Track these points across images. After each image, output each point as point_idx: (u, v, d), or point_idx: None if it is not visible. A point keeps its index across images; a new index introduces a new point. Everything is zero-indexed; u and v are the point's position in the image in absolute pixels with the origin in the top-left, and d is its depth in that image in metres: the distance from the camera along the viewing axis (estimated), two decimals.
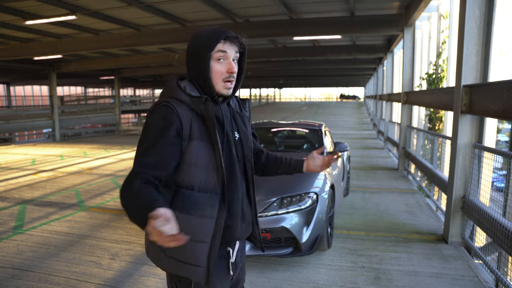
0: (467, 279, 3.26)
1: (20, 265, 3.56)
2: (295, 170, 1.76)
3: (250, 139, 1.56)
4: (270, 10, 9.40)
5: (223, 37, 1.39)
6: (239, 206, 1.49)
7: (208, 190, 1.40)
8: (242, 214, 1.52)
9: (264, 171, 1.82)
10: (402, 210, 5.40)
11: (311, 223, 3.48)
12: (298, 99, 66.32)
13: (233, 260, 1.52)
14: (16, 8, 8.77)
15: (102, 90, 38.14)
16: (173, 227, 1.08)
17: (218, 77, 1.41)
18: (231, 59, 1.41)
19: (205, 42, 1.39)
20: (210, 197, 1.40)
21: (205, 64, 1.39)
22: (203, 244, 1.39)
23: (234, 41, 1.41)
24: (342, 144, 5.18)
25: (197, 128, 1.38)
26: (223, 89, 1.43)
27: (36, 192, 6.60)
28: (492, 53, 3.81)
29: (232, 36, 1.40)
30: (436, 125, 8.85)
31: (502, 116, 3.20)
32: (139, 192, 1.25)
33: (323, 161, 1.72)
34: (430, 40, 9.33)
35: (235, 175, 1.47)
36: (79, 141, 16.92)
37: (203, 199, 1.40)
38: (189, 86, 1.44)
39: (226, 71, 1.41)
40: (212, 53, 1.39)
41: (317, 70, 26.17)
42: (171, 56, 16.08)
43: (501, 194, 3.46)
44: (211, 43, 1.39)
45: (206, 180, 1.40)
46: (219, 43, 1.39)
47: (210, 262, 1.39)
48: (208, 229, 1.39)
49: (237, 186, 1.47)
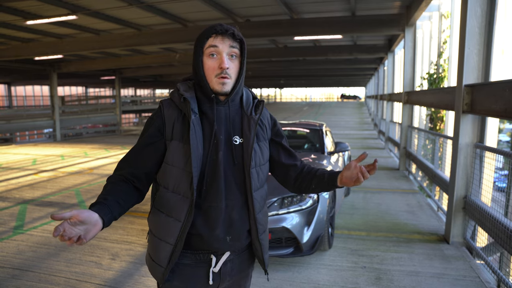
0: (468, 280, 3.25)
1: (20, 265, 3.56)
2: (328, 185, 1.46)
3: (251, 145, 1.39)
4: (271, 10, 9.39)
5: (213, 32, 1.34)
6: (220, 216, 1.37)
7: (180, 192, 1.36)
8: (228, 226, 1.39)
9: (297, 188, 1.56)
10: (403, 210, 5.39)
11: (312, 223, 3.47)
12: (299, 99, 66.32)
13: (215, 269, 1.41)
14: (17, 8, 8.77)
15: (103, 90, 38.18)
16: (72, 232, 1.08)
17: (210, 73, 1.35)
18: (223, 54, 1.34)
19: (198, 39, 1.37)
20: (181, 199, 1.35)
21: (197, 61, 1.37)
22: (167, 244, 1.37)
23: (225, 34, 1.33)
24: (343, 144, 5.18)
25: (178, 128, 1.36)
26: (217, 85, 1.35)
27: (37, 192, 6.59)
28: (493, 53, 3.80)
29: (223, 29, 1.33)
30: (437, 125, 8.82)
31: (503, 115, 3.19)
32: (106, 185, 1.35)
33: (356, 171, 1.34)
34: (431, 39, 9.31)
35: (218, 182, 1.36)
36: (80, 141, 16.93)
37: (173, 200, 1.36)
38: (183, 86, 1.42)
39: (218, 67, 1.34)
40: (204, 48, 1.35)
41: (318, 70, 26.15)
42: (172, 56, 16.08)
43: (502, 194, 3.45)
44: (202, 38, 1.36)
45: (180, 182, 1.35)
46: (210, 37, 1.34)
47: (169, 265, 1.37)
48: (173, 231, 1.35)
49: (219, 194, 1.36)
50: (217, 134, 1.37)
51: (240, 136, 1.41)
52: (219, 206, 1.37)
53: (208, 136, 1.36)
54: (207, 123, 1.38)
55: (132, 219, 5.00)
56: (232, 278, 1.49)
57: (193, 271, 1.41)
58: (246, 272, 1.56)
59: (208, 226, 1.37)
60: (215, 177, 1.36)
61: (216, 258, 1.42)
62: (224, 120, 1.40)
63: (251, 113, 1.44)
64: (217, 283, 1.44)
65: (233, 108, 1.43)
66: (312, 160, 4.43)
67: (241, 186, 1.41)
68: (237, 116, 1.43)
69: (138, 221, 4.91)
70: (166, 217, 1.38)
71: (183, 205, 1.34)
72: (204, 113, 1.39)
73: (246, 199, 1.42)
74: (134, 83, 33.60)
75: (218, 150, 1.37)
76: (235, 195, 1.40)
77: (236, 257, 1.47)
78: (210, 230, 1.37)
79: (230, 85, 1.37)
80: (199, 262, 1.41)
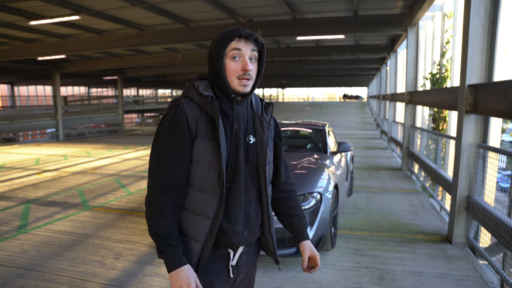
0: (471, 280, 3.24)
1: (25, 264, 3.57)
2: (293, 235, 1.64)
3: (266, 144, 1.48)
4: (274, 10, 9.40)
5: (237, 35, 1.38)
6: (240, 212, 1.44)
7: (207, 190, 1.39)
8: (246, 221, 1.47)
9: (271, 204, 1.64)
10: (406, 210, 5.38)
11: (315, 223, 3.47)
12: (301, 99, 66.22)
13: (233, 263, 1.48)
14: (20, 9, 8.81)
15: (106, 90, 38.27)
16: None
17: (232, 74, 1.40)
18: (246, 57, 1.39)
19: (220, 41, 1.39)
20: (208, 197, 1.39)
21: (218, 62, 1.39)
22: (196, 243, 1.39)
23: (249, 38, 1.39)
24: (346, 144, 5.18)
25: (203, 127, 1.39)
26: (239, 86, 1.41)
27: (40, 191, 6.62)
28: (497, 53, 3.79)
29: (246, 33, 1.38)
30: (440, 125, 8.80)
31: (507, 115, 3.19)
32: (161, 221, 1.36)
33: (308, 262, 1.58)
34: (434, 39, 9.28)
35: (239, 179, 1.43)
36: (82, 141, 16.98)
37: (201, 198, 1.40)
38: (202, 86, 1.44)
39: (240, 69, 1.39)
40: (226, 50, 1.39)
41: (320, 70, 26.14)
42: (174, 56, 16.11)
43: (505, 194, 3.44)
44: (225, 40, 1.38)
45: (206, 179, 1.39)
46: (233, 40, 1.38)
47: (201, 263, 1.39)
48: (203, 228, 1.39)
49: (239, 190, 1.43)
50: (237, 133, 1.44)
51: (253, 135, 1.49)
52: (239, 202, 1.44)
53: (229, 135, 1.41)
54: (228, 122, 1.43)
55: (135, 219, 5.02)
56: (246, 270, 1.56)
57: (214, 266, 1.46)
58: (255, 264, 1.64)
59: (230, 222, 1.43)
60: (236, 174, 1.42)
61: (233, 251, 1.48)
62: (242, 120, 1.46)
63: (262, 114, 1.52)
64: (236, 275, 1.51)
65: (241, 107, 1.48)
66: (315, 160, 4.43)
67: (255, 182, 1.49)
68: (250, 116, 1.50)
69: (141, 221, 4.92)
70: (193, 216, 1.41)
71: (211, 202, 1.39)
72: (224, 112, 1.43)
73: (259, 195, 1.51)
74: (137, 83, 33.66)
75: (238, 148, 1.43)
76: (251, 191, 1.47)
77: (248, 249, 1.54)
78: (232, 226, 1.43)
79: (250, 86, 1.44)
80: (218, 257, 1.46)
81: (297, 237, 1.62)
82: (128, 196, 6.26)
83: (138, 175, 8.23)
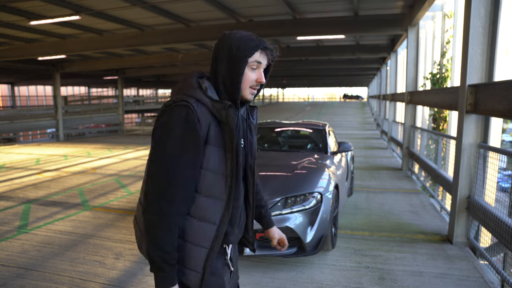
0: (472, 280, 3.24)
1: (25, 264, 3.58)
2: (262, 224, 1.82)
3: (254, 148, 1.56)
4: (274, 10, 9.40)
5: (262, 47, 1.39)
6: (238, 213, 1.49)
7: (214, 195, 1.38)
8: (241, 221, 1.54)
9: None
10: (406, 210, 5.38)
11: (316, 223, 3.47)
12: (301, 99, 66.29)
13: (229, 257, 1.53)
14: (20, 9, 8.81)
15: (106, 90, 38.26)
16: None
17: (247, 83, 1.41)
18: (261, 70, 1.44)
19: (245, 48, 1.37)
20: (214, 202, 1.38)
21: (240, 69, 1.37)
22: (202, 249, 1.37)
23: (268, 53, 1.43)
24: (346, 144, 5.17)
25: (213, 133, 1.35)
26: (249, 95, 1.44)
27: (41, 191, 6.62)
28: (497, 53, 3.79)
29: (269, 48, 1.42)
30: (440, 125, 8.80)
31: (507, 115, 3.18)
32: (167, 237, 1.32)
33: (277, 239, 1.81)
34: (434, 39, 9.29)
35: (239, 183, 1.46)
36: (82, 141, 16.99)
37: (207, 204, 1.38)
38: (210, 88, 1.40)
39: (255, 80, 1.42)
40: (250, 59, 1.38)
41: (320, 70, 26.14)
42: (174, 56, 16.10)
43: (506, 194, 3.44)
44: (251, 50, 1.37)
45: (214, 185, 1.38)
46: (257, 51, 1.39)
47: (206, 270, 1.38)
48: (209, 234, 1.38)
49: (240, 194, 1.48)
50: (238, 138, 1.43)
51: (243, 139, 1.52)
52: (238, 205, 1.48)
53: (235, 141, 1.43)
54: None
55: None
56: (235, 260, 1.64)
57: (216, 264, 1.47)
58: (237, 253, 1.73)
59: (231, 224, 1.47)
60: (237, 178, 1.43)
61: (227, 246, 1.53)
62: (241, 125, 1.49)
63: (248, 117, 1.56)
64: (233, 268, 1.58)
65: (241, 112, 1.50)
66: (316, 160, 4.43)
67: (244, 184, 1.54)
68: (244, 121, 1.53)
69: None
70: (199, 222, 1.38)
71: (217, 208, 1.39)
72: None
73: (246, 195, 1.57)
74: (137, 83, 33.68)
75: (239, 153, 1.43)
76: (242, 193, 1.52)
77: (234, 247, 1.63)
78: (232, 228, 1.48)
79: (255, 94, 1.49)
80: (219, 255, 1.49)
81: (267, 225, 1.81)
82: (128, 196, 6.26)
83: (138, 175, 8.23)
